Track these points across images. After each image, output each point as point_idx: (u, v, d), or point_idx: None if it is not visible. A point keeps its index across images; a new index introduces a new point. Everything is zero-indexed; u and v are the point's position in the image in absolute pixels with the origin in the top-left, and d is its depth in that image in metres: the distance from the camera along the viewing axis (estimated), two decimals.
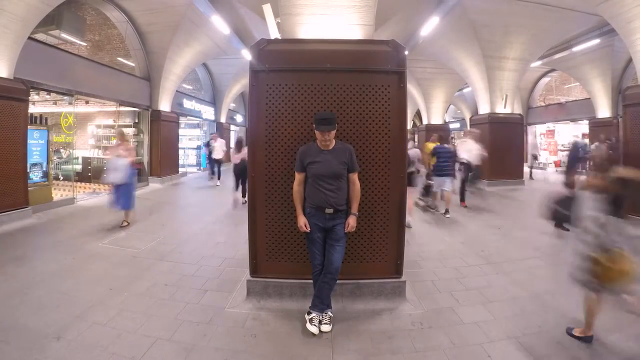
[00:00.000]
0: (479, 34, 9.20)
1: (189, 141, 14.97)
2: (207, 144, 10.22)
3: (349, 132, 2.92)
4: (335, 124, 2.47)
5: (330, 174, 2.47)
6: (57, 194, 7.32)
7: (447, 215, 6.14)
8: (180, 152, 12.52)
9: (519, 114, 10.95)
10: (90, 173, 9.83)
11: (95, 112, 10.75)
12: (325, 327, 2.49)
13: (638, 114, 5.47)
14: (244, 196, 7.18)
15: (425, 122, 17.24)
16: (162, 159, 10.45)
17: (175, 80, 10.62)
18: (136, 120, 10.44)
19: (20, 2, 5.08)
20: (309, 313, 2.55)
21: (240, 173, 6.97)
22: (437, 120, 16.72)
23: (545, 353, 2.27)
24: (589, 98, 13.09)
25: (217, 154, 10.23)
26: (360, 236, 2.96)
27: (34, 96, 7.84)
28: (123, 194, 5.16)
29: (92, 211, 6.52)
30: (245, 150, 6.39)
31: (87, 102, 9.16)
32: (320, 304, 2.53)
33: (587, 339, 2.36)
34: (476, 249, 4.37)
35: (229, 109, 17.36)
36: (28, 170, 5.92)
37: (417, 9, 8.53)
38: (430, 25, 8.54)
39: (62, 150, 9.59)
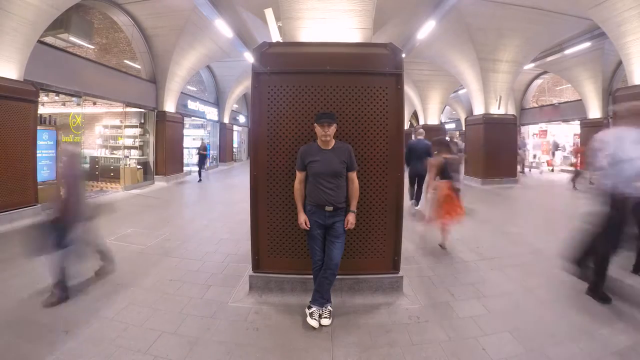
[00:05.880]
0: (474, 37, 9.29)
1: (193, 141, 15.14)
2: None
3: (348, 132, 2.99)
4: (335, 119, 2.56)
5: (330, 172, 2.53)
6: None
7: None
8: (185, 151, 12.67)
9: (513, 115, 11.04)
10: (98, 172, 10.02)
11: (103, 113, 10.92)
12: (325, 321, 2.55)
13: None
14: None
15: (421, 122, 17.35)
16: (167, 158, 10.59)
17: (180, 82, 10.77)
18: (142, 121, 10.60)
19: (29, 6, 5.20)
20: (309, 307, 2.61)
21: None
22: (433, 120, 16.81)
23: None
24: (580, 99, 13.13)
25: None
26: (359, 233, 3.02)
27: (43, 97, 8.00)
28: None
29: (100, 209, 6.62)
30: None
31: (94, 104, 9.36)
32: (321, 298, 2.60)
33: None
34: (471, 246, 4.43)
35: (232, 110, 17.53)
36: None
37: (414, 13, 8.61)
38: (426, 29, 8.65)
39: None
